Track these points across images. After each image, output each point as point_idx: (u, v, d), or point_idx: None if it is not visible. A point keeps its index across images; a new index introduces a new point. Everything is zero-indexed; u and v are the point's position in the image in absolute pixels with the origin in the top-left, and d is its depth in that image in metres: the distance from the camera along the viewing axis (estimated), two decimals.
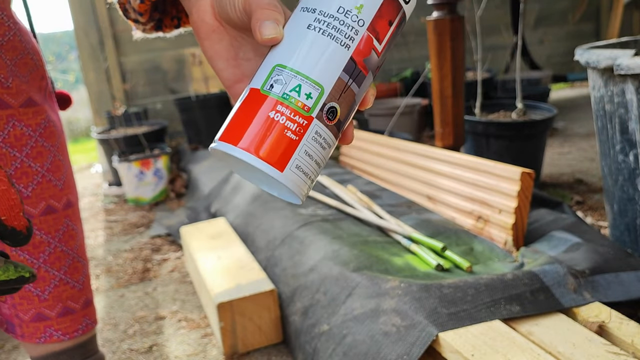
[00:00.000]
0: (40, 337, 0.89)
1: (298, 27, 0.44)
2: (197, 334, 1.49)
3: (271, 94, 0.43)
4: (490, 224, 1.45)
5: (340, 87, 0.44)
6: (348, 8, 0.43)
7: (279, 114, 0.42)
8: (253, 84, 0.44)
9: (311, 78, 0.43)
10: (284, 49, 0.44)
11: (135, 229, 2.39)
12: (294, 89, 0.43)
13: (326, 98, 0.43)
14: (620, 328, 1.03)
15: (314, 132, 0.43)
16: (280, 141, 0.42)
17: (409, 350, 1.00)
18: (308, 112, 0.43)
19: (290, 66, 0.43)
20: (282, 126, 0.42)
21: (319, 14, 0.44)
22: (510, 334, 1.00)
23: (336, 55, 0.43)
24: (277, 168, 0.42)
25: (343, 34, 0.44)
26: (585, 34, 4.26)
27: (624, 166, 1.38)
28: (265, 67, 0.44)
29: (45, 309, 0.88)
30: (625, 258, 1.23)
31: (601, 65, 1.33)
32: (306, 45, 0.44)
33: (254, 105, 0.43)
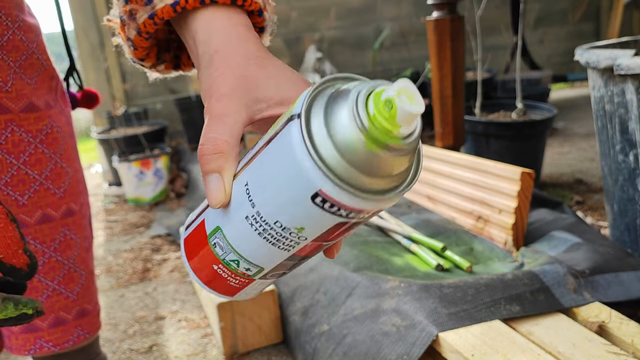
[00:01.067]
0: (29, 349, 0.87)
1: (238, 206, 0.39)
2: (197, 334, 1.49)
3: (214, 253, 0.42)
4: (490, 224, 1.45)
5: (284, 266, 0.42)
6: (286, 226, 0.37)
7: (222, 271, 0.42)
8: (206, 218, 0.42)
9: (249, 260, 0.41)
10: (228, 214, 0.40)
11: (135, 229, 2.39)
12: (233, 261, 0.41)
13: (268, 272, 0.42)
14: (620, 328, 1.03)
15: (257, 283, 0.44)
16: (225, 285, 0.44)
17: (409, 350, 1.00)
18: (249, 277, 0.43)
19: (229, 239, 0.40)
20: (225, 278, 0.43)
21: (257, 214, 0.38)
22: (511, 334, 1.00)
23: (275, 253, 0.40)
24: (227, 295, 0.45)
25: (282, 242, 0.38)
26: (585, 34, 4.26)
27: (624, 166, 1.38)
28: (212, 218, 0.41)
29: (37, 320, 0.85)
30: (625, 258, 1.23)
31: (601, 65, 1.33)
32: (245, 235, 0.39)
33: (203, 250, 0.43)
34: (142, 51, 0.46)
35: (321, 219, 0.36)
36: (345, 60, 3.94)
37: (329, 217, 0.36)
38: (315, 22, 3.85)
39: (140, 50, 0.46)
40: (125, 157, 2.70)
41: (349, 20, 3.89)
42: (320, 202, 0.34)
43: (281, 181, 0.35)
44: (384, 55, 3.90)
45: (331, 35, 3.86)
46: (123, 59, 3.57)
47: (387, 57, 3.90)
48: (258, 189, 0.37)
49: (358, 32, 3.92)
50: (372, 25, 3.93)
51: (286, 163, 0.35)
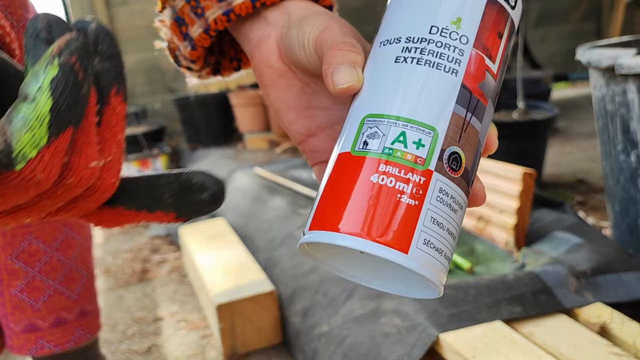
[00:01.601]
0: (30, 349, 0.88)
1: (384, 65, 0.35)
2: (196, 335, 1.49)
3: (369, 153, 0.32)
4: (491, 224, 1.45)
5: (457, 124, 0.33)
6: (443, 25, 0.34)
7: (385, 175, 0.31)
8: (340, 148, 0.33)
9: (417, 120, 0.32)
10: (371, 95, 0.34)
11: (134, 230, 2.39)
12: (396, 139, 0.32)
13: (443, 142, 0.32)
14: (622, 329, 1.03)
15: (437, 190, 0.31)
16: (395, 211, 0.30)
17: (409, 352, 1.00)
18: (423, 166, 0.31)
19: (385, 112, 0.33)
20: (393, 190, 0.31)
21: (406, 41, 0.34)
22: (512, 334, 1.00)
23: (442, 84, 0.33)
24: (399, 249, 0.30)
25: (445, 57, 0.33)
26: (587, 33, 4.26)
27: (625, 166, 1.38)
28: (352, 123, 0.34)
29: (38, 320, 0.87)
30: (627, 259, 1.23)
31: (602, 64, 1.33)
32: (400, 82, 0.33)
33: (347, 174, 0.32)
34: (199, 51, 0.45)
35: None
36: None
37: None
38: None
39: (198, 50, 0.45)
40: None
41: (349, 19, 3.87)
42: None
43: None
44: None
45: None
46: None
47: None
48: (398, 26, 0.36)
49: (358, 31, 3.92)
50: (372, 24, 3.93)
51: None
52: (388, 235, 0.30)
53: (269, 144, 2.98)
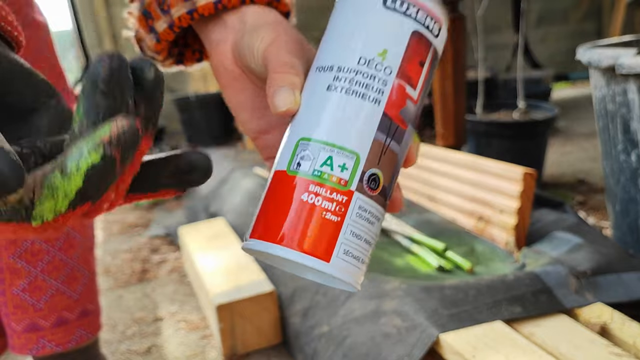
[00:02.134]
0: (32, 349, 0.88)
1: (317, 91, 0.39)
2: (196, 335, 1.49)
3: (299, 173, 0.36)
4: (491, 224, 1.45)
5: (377, 149, 0.37)
6: (370, 57, 0.37)
7: (313, 194, 0.36)
8: (278, 166, 0.38)
9: (343, 146, 0.37)
10: (306, 119, 0.38)
11: (133, 230, 2.39)
12: (324, 162, 0.36)
13: (364, 166, 0.37)
14: (622, 329, 1.03)
15: (357, 207, 0.37)
16: (321, 227, 0.36)
17: (409, 352, 0.99)
18: (346, 187, 0.36)
19: (315, 137, 0.37)
20: (320, 209, 0.36)
21: (337, 70, 0.38)
22: (512, 335, 1.00)
23: (366, 113, 0.37)
24: (322, 259, 0.36)
25: (370, 88, 0.37)
26: (587, 33, 4.26)
27: (626, 166, 1.38)
28: (289, 144, 0.38)
29: (40, 319, 0.87)
30: (628, 259, 1.23)
31: (603, 64, 1.33)
32: (330, 109, 0.37)
33: (283, 191, 0.37)
34: (164, 44, 0.49)
35: (396, 26, 0.38)
36: None
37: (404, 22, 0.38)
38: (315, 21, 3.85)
39: (163, 43, 0.49)
40: None
41: None
42: (391, 2, 0.38)
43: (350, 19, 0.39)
44: None
45: None
46: None
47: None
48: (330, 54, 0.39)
49: None
50: None
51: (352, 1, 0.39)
52: (313, 247, 0.35)
53: None
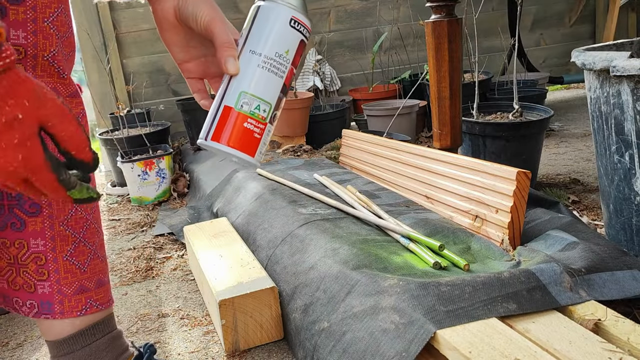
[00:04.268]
0: (81, 310, 0.95)
1: (251, 65, 0.70)
2: (199, 331, 1.51)
3: (242, 111, 0.70)
4: (487, 222, 1.46)
5: (278, 101, 0.73)
6: (281, 52, 0.71)
7: (250, 124, 0.70)
8: (227, 102, 0.70)
9: (264, 99, 0.71)
10: (244, 79, 0.70)
11: (138, 228, 2.41)
12: (256, 107, 0.70)
13: (273, 109, 0.72)
14: (616, 326, 1.04)
15: (267, 131, 0.72)
16: (252, 139, 0.71)
17: (407, 347, 1.01)
18: (264, 120, 0.71)
19: (252, 92, 0.70)
20: (252, 130, 0.70)
21: (264, 57, 0.70)
22: (507, 331, 1.01)
23: (277, 83, 0.71)
24: (251, 155, 0.71)
25: (279, 69, 0.71)
26: (582, 36, 4.28)
27: (619, 166, 1.39)
28: (233, 91, 0.70)
29: (86, 281, 0.95)
30: (621, 257, 1.24)
31: (597, 66, 1.35)
32: (259, 78, 0.70)
33: (232, 119, 0.70)
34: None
35: (294, 38, 0.71)
36: (344, 62, 3.95)
37: (297, 35, 0.72)
38: (315, 25, 3.86)
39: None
40: (128, 157, 2.72)
41: (348, 24, 3.91)
42: (293, 24, 0.71)
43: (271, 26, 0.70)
44: (383, 57, 3.91)
45: (331, 38, 3.88)
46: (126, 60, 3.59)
47: (385, 60, 3.92)
48: (259, 45, 0.70)
49: (357, 35, 3.94)
50: (371, 28, 3.94)
51: (273, 16, 0.70)
52: (249, 150, 0.71)
53: (270, 145, 3.00)
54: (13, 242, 0.88)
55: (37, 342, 1.56)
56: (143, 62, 3.59)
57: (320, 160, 2.49)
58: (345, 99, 3.67)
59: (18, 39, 0.79)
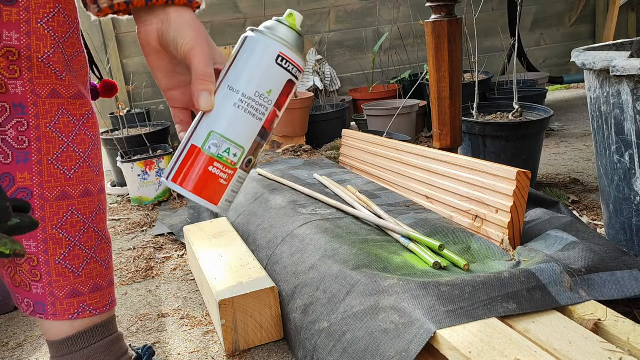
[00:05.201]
0: (73, 313, 0.94)
1: (226, 103, 0.64)
2: (199, 331, 1.51)
3: (209, 153, 0.63)
4: (487, 222, 1.46)
5: (254, 146, 0.66)
6: (262, 92, 0.64)
7: (215, 168, 0.64)
8: (194, 141, 0.64)
9: (236, 142, 0.64)
10: (217, 118, 0.64)
11: (138, 228, 2.41)
12: (225, 150, 0.63)
13: (246, 154, 0.65)
14: (616, 326, 1.04)
15: (237, 177, 0.66)
16: (217, 185, 0.64)
17: (407, 347, 1.01)
18: (234, 166, 0.64)
19: (222, 133, 0.63)
20: (218, 176, 0.64)
21: (242, 95, 0.63)
22: (507, 331, 1.01)
23: (254, 126, 0.64)
24: (213, 203, 0.65)
25: (258, 111, 0.64)
26: (582, 36, 4.28)
27: (619, 166, 1.39)
28: (203, 130, 0.64)
29: (79, 285, 0.93)
30: (621, 257, 1.24)
31: (597, 66, 1.35)
32: (233, 119, 0.63)
33: (197, 160, 0.63)
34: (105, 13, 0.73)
35: (280, 77, 0.64)
36: (344, 62, 3.95)
37: (284, 74, 0.65)
38: (315, 25, 3.86)
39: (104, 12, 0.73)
40: (128, 157, 2.72)
41: (348, 24, 3.91)
42: (280, 61, 0.64)
43: (255, 61, 0.64)
44: (383, 57, 3.91)
45: (331, 38, 3.88)
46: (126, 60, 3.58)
47: (385, 60, 3.92)
48: (239, 81, 0.64)
49: (357, 35, 3.94)
50: (371, 28, 3.94)
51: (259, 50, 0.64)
52: (210, 196, 0.64)
53: (270, 145, 3.00)
54: None
55: (37, 342, 1.55)
56: (143, 62, 3.59)
57: (320, 160, 2.49)
58: (345, 99, 3.67)
59: (11, 40, 0.78)
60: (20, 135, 0.83)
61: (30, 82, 0.82)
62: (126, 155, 2.75)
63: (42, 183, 0.86)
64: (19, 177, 0.85)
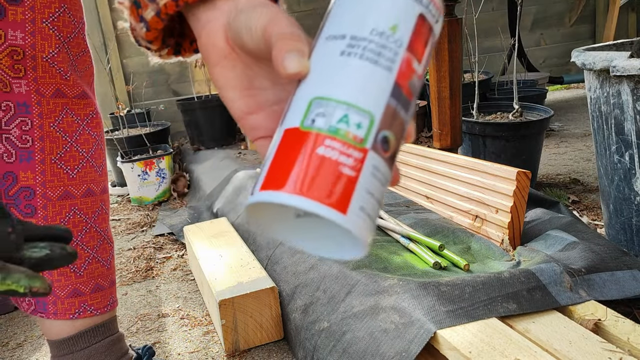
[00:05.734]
0: (74, 313, 0.94)
1: (329, 56, 0.39)
2: (199, 331, 1.51)
3: (314, 128, 0.36)
4: (487, 223, 1.46)
5: (390, 113, 0.38)
6: (382, 29, 0.39)
7: (330, 149, 0.35)
8: (288, 124, 0.38)
9: (358, 105, 0.37)
10: (318, 80, 0.39)
11: (138, 228, 2.41)
12: (341, 119, 0.36)
13: (378, 126, 0.37)
14: (616, 326, 1.04)
15: (371, 166, 0.36)
16: (338, 179, 0.34)
17: (407, 347, 1.01)
18: (361, 144, 0.36)
19: (331, 96, 0.37)
20: (336, 162, 0.35)
21: (350, 39, 0.39)
22: (507, 331, 1.01)
23: (380, 79, 0.38)
24: (339, 210, 0.33)
25: (382, 55, 0.38)
26: (582, 36, 4.27)
27: (619, 166, 1.39)
28: (300, 103, 0.38)
29: (81, 285, 0.94)
30: (621, 257, 1.24)
31: (597, 66, 1.35)
32: (345, 72, 0.38)
33: (296, 146, 0.36)
34: (154, 32, 0.49)
35: (406, 8, 0.40)
36: None
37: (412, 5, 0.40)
38: (315, 25, 3.87)
39: (152, 31, 0.49)
40: (128, 157, 2.72)
41: None
42: None
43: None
44: None
45: None
46: (126, 60, 3.58)
47: None
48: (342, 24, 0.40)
49: None
50: None
51: None
52: (331, 198, 0.34)
53: None
54: None
55: (37, 342, 1.55)
56: (143, 62, 3.59)
57: None
58: None
59: (16, 39, 0.78)
60: (24, 135, 0.84)
61: (34, 81, 0.82)
62: (126, 155, 2.75)
63: (45, 182, 0.86)
64: (22, 176, 0.85)
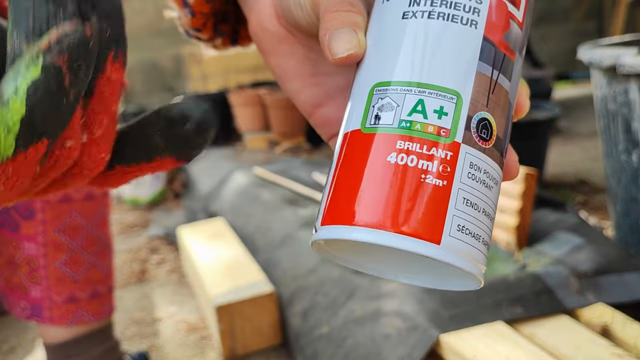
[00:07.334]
0: (71, 319, 0.94)
1: (389, 23, 0.29)
2: (195, 336, 1.49)
3: (380, 128, 0.26)
4: None
5: (484, 85, 0.27)
6: None
7: (404, 153, 0.26)
8: (348, 126, 0.28)
9: (435, 85, 0.26)
10: (378, 60, 0.28)
11: (132, 230, 2.39)
12: (414, 109, 0.26)
13: (469, 108, 0.26)
14: (624, 329, 1.03)
15: (467, 165, 0.26)
16: (420, 195, 0.25)
17: (410, 353, 0.99)
18: (448, 138, 0.26)
19: (396, 79, 0.27)
20: (416, 170, 0.25)
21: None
22: (513, 335, 0.99)
23: (461, 39, 0.27)
24: (429, 240, 0.25)
25: (460, 7, 0.27)
26: (589, 32, 4.26)
27: (627, 166, 1.38)
28: (359, 96, 0.28)
29: (78, 291, 0.93)
30: (629, 259, 1.23)
31: (604, 64, 1.33)
32: (410, 42, 0.27)
33: (359, 155, 0.26)
34: (200, 18, 0.42)
35: None
36: None
37: None
38: None
39: (198, 16, 0.42)
40: None
41: None
42: None
43: None
44: None
45: None
46: None
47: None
48: None
49: None
50: None
51: None
52: (415, 224, 0.25)
53: (268, 144, 2.98)
54: (10, 241, 0.90)
55: (30, 346, 1.54)
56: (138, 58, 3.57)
57: (320, 159, 2.49)
58: None
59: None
60: None
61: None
62: None
63: None
64: None
